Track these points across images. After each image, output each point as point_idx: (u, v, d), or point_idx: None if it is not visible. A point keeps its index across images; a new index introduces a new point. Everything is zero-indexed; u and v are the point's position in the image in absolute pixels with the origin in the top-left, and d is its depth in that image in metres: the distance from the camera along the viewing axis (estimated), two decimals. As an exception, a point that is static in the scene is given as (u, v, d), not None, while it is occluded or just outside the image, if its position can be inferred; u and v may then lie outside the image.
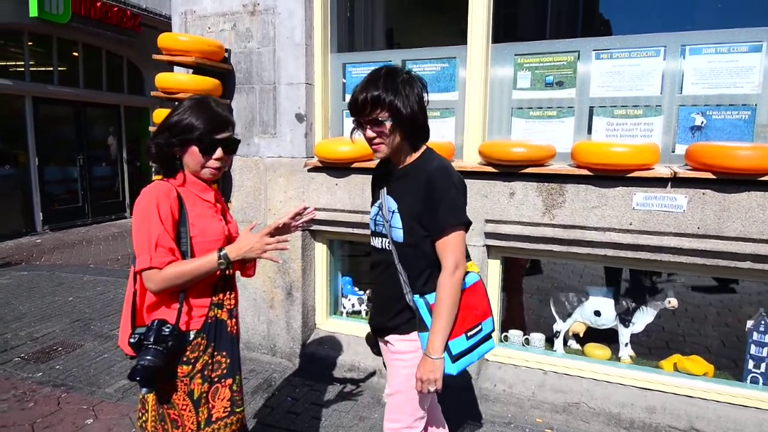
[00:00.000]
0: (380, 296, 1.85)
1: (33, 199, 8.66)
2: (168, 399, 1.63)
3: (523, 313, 3.57)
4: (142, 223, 1.56)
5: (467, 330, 1.70)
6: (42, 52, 8.90)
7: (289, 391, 3.27)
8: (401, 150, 1.71)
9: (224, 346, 1.70)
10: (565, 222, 2.84)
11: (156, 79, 3.34)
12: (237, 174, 3.66)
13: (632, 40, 2.89)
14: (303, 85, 3.40)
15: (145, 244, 1.53)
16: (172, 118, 1.63)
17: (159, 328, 1.54)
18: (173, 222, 1.60)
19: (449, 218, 1.62)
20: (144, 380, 1.49)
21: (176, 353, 1.59)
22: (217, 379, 1.68)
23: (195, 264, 1.57)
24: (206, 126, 1.61)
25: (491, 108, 3.19)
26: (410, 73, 1.66)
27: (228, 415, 1.69)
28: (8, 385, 3.30)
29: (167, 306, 1.62)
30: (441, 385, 1.65)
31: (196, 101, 1.68)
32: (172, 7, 3.76)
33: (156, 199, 1.57)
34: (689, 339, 3.87)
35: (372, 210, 1.85)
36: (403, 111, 1.59)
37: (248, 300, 3.70)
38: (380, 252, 1.80)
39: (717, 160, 2.47)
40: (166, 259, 1.54)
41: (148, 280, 1.55)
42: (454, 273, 1.63)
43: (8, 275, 5.96)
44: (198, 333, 1.64)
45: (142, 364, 1.49)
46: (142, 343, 1.53)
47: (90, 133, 9.82)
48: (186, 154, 1.65)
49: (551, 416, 2.94)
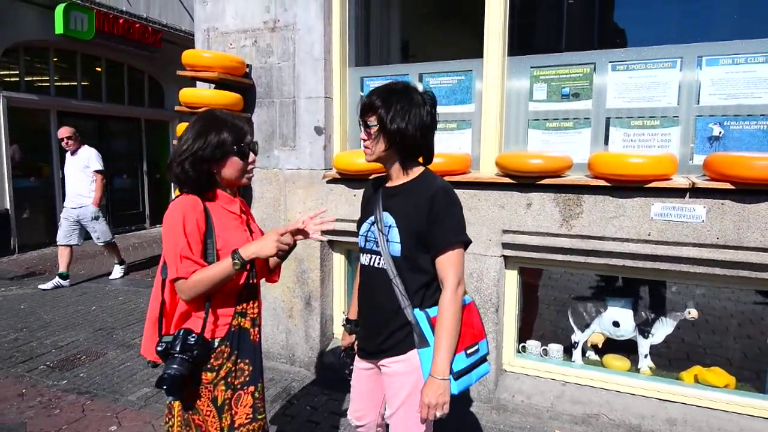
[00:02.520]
0: (373, 317, 1.78)
1: (56, 210, 8.84)
2: (193, 405, 1.68)
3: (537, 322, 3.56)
4: (168, 235, 1.62)
5: (467, 347, 1.68)
6: (66, 68, 9.15)
7: (308, 400, 3.30)
8: (392, 163, 1.73)
9: (247, 353, 1.74)
10: (582, 232, 2.85)
11: (180, 94, 3.44)
12: (257, 186, 3.74)
13: (648, 52, 2.91)
14: (322, 98, 3.48)
15: (172, 255, 1.60)
16: (206, 138, 1.66)
17: (185, 338, 1.59)
18: (200, 234, 1.64)
19: (451, 236, 1.64)
20: (170, 388, 1.54)
21: (201, 361, 1.64)
22: (240, 386, 1.71)
23: (213, 270, 1.60)
24: (236, 135, 1.70)
25: (508, 120, 3.22)
26: (421, 94, 1.68)
27: (250, 421, 1.72)
28: (34, 393, 3.39)
29: (194, 314, 1.68)
30: (448, 409, 1.59)
31: (211, 116, 1.73)
32: (195, 24, 3.88)
33: (183, 213, 1.62)
34: (710, 350, 3.81)
35: (363, 227, 1.81)
36: (387, 121, 1.63)
37: (267, 310, 3.75)
38: (371, 271, 1.76)
39: (735, 170, 2.47)
40: (191, 268, 1.59)
41: (179, 290, 1.62)
42: (457, 290, 1.63)
43: (33, 285, 6.10)
44: (222, 341, 1.68)
45: (169, 373, 1.54)
46: (169, 352, 1.58)
47: (111, 146, 10.02)
48: (225, 167, 1.71)
49: (571, 427, 2.93)
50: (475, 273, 3.09)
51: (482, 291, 3.09)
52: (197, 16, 3.83)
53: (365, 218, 1.83)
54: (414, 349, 1.68)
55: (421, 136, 1.68)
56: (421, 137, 1.68)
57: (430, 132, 1.72)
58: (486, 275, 3.07)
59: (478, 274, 3.09)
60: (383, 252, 1.70)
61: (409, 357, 1.69)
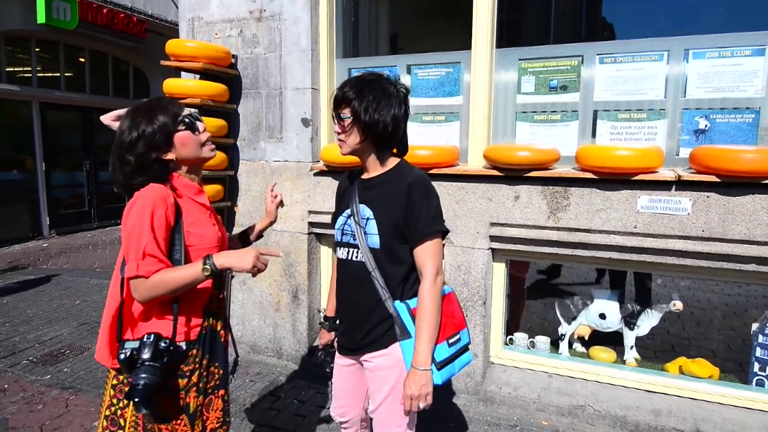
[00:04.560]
0: (353, 311, 1.76)
1: (40, 203, 8.72)
2: (161, 415, 1.56)
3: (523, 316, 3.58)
4: (132, 229, 1.46)
5: (448, 337, 1.68)
6: (49, 58, 8.98)
7: (295, 393, 3.29)
8: (367, 155, 1.71)
9: (218, 357, 1.67)
10: (569, 225, 2.86)
11: (164, 84, 3.38)
12: (243, 178, 3.70)
13: (636, 45, 2.91)
14: (309, 90, 3.44)
15: (134, 251, 1.45)
16: (141, 128, 1.53)
17: (156, 343, 1.45)
18: (167, 228, 1.51)
19: (429, 226, 1.63)
20: (144, 400, 1.39)
21: (170, 367, 1.50)
22: (212, 391, 1.66)
23: (179, 273, 1.47)
24: (173, 112, 1.58)
25: (496, 112, 3.21)
26: (395, 85, 1.66)
27: (221, 425, 1.69)
28: (17, 388, 3.33)
29: (158, 317, 1.54)
30: (431, 399, 1.59)
31: (141, 107, 1.60)
32: (179, 14, 3.81)
33: (152, 205, 1.48)
34: (695, 342, 3.87)
35: (339, 220, 1.79)
36: (361, 113, 1.60)
37: (254, 303, 3.72)
38: (348, 265, 1.74)
39: (721, 163, 2.48)
40: (153, 267, 1.45)
41: (134, 289, 1.47)
42: (436, 279, 1.62)
43: (16, 279, 6.01)
44: (193, 344, 1.58)
45: (141, 383, 1.39)
46: (135, 359, 1.43)
47: (96, 138, 9.89)
48: (179, 148, 1.59)
49: (557, 419, 2.95)
50: (463, 266, 3.09)
51: (470, 284, 3.09)
52: (182, 5, 3.76)
53: (341, 212, 1.81)
54: (396, 343, 1.67)
55: (395, 127, 1.66)
56: (395, 129, 1.66)
57: (403, 123, 1.70)
58: (474, 268, 3.07)
59: (466, 267, 3.09)
60: (361, 245, 1.69)
61: (392, 351, 1.68)
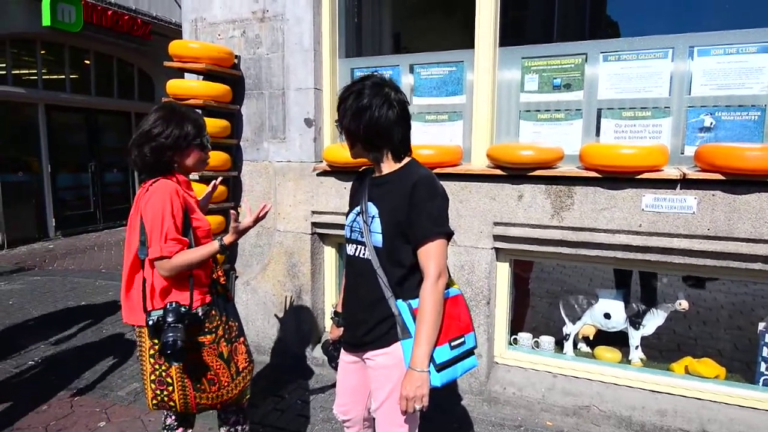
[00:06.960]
0: (357, 307, 1.77)
1: (45, 205, 8.77)
2: (203, 364, 1.91)
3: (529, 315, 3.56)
4: (154, 217, 1.79)
5: (451, 339, 1.66)
6: (54, 61, 9.03)
7: (299, 394, 3.28)
8: (371, 156, 1.72)
9: (231, 314, 2.08)
10: (573, 224, 2.84)
11: (167, 85, 3.38)
12: (247, 178, 3.70)
13: (640, 42, 2.89)
14: (312, 90, 3.44)
15: (157, 235, 1.78)
16: (169, 128, 1.87)
17: (177, 309, 1.79)
18: (182, 215, 1.86)
19: (433, 227, 1.61)
20: (174, 353, 1.71)
21: (193, 329, 1.86)
22: (234, 339, 2.04)
23: (200, 252, 1.86)
24: (197, 129, 1.95)
25: (499, 111, 3.20)
26: (383, 93, 1.63)
27: (248, 364, 2.09)
28: (22, 389, 3.34)
29: (178, 290, 1.87)
30: (427, 401, 1.58)
31: (172, 109, 1.95)
32: (182, 15, 3.82)
33: (169, 196, 1.82)
34: (700, 342, 3.83)
35: (349, 217, 1.82)
36: (342, 122, 1.69)
37: (258, 304, 3.72)
38: (356, 261, 1.75)
39: (726, 161, 2.46)
40: (174, 248, 1.80)
41: (159, 267, 1.80)
42: (438, 281, 1.60)
43: (21, 280, 6.04)
44: (209, 306, 1.94)
45: (170, 339, 1.71)
46: (161, 324, 1.76)
47: (101, 139, 9.93)
48: (188, 157, 1.96)
49: (562, 419, 2.93)
50: (467, 265, 3.08)
51: (473, 283, 3.08)
52: (185, 6, 3.77)
53: (352, 208, 1.83)
54: (398, 342, 1.66)
55: (378, 132, 1.64)
56: (380, 133, 1.64)
57: (397, 127, 1.67)
58: (477, 267, 3.06)
59: (470, 267, 3.07)
60: (367, 242, 1.69)
61: (393, 349, 1.67)
